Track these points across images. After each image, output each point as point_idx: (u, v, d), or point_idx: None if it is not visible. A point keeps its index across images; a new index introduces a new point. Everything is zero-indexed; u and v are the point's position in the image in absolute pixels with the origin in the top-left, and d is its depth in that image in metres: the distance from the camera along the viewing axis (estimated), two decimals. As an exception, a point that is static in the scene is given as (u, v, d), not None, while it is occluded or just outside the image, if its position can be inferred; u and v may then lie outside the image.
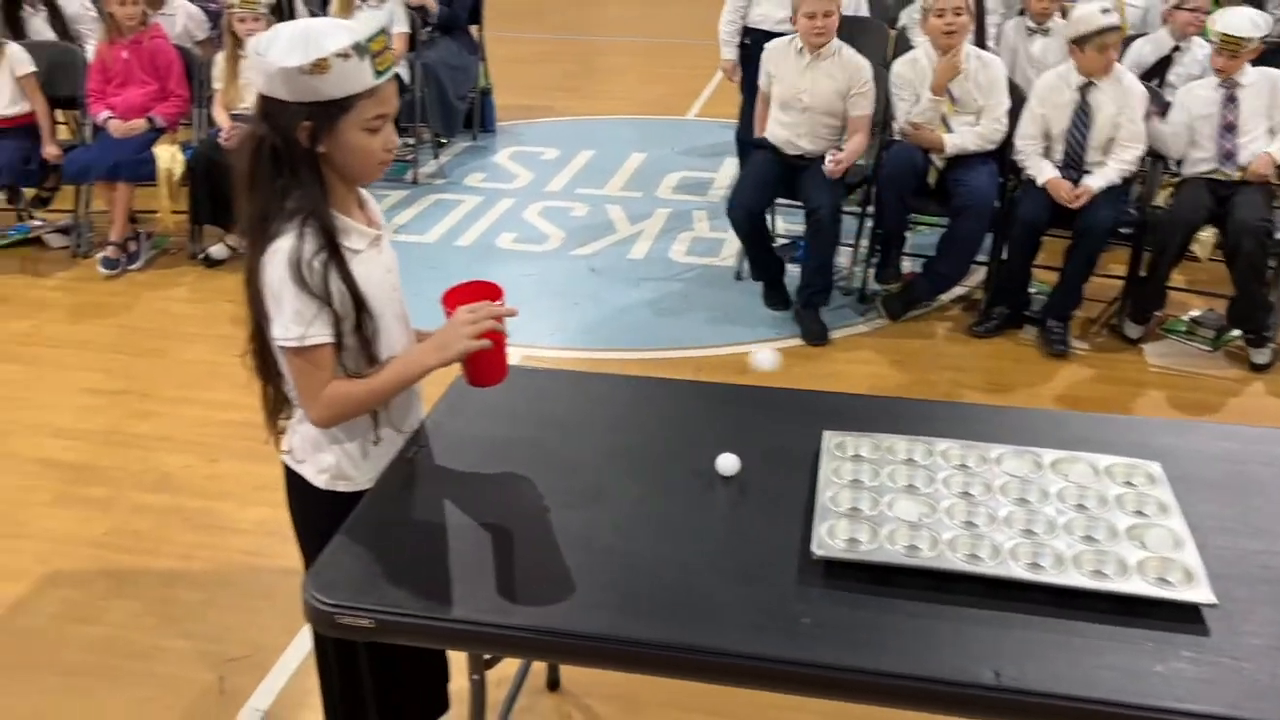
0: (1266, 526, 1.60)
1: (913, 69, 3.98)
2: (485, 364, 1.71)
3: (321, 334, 1.56)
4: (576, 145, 6.21)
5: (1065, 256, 3.83)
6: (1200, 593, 1.42)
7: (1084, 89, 3.76)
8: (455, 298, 1.70)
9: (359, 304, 1.58)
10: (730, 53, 4.82)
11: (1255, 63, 3.81)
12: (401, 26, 5.41)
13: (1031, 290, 4.02)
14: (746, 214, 4.03)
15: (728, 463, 1.75)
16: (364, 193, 1.70)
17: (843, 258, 4.33)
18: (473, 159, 6.00)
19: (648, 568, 1.54)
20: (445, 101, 5.81)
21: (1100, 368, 3.76)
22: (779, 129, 4.08)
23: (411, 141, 5.63)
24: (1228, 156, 3.78)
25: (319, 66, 1.45)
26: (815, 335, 3.97)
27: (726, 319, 4.13)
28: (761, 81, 4.22)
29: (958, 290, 4.27)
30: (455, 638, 1.49)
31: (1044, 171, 3.78)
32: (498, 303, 1.69)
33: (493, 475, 1.78)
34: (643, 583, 1.52)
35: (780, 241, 4.74)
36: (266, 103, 1.52)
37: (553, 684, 2.34)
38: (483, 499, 1.73)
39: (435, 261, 4.59)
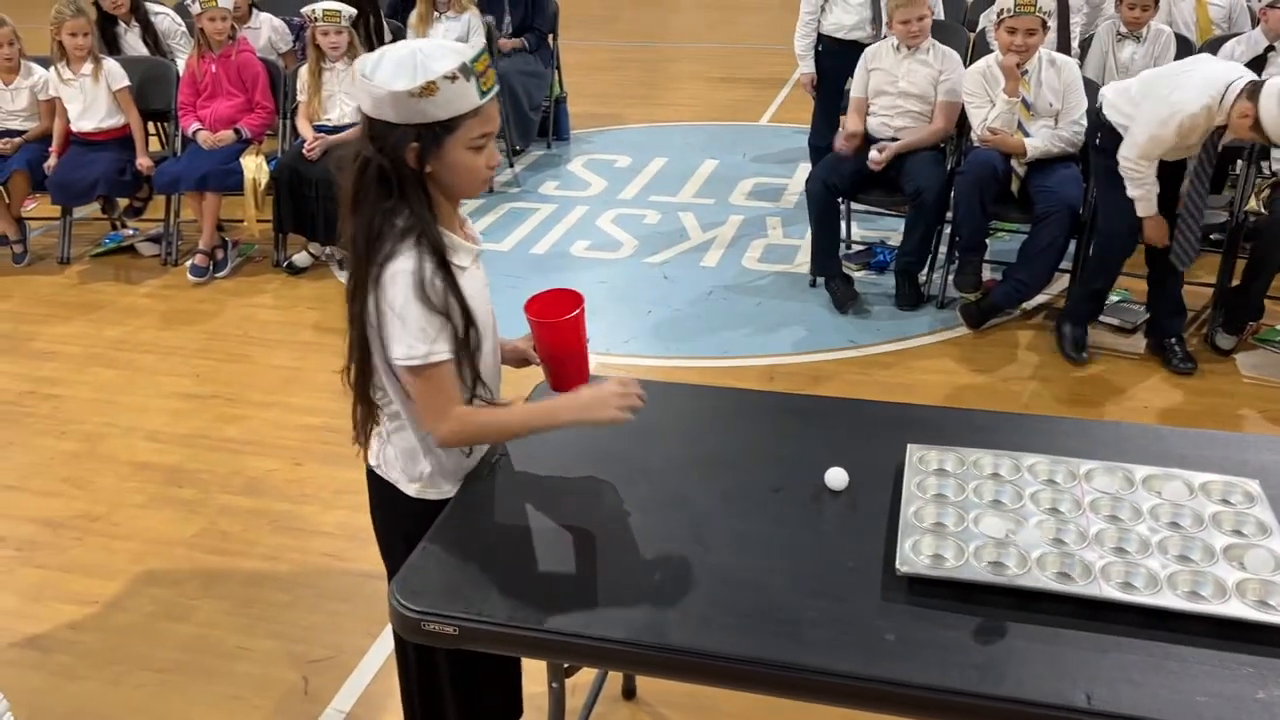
0: (1375, 549, 1.53)
1: (984, 75, 3.94)
2: (574, 369, 1.74)
3: (444, 350, 1.58)
4: (649, 152, 6.23)
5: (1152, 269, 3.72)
6: (1305, 617, 1.37)
7: None
8: (537, 305, 1.72)
9: (469, 319, 1.61)
10: (808, 66, 4.89)
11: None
12: (479, 38, 5.48)
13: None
14: (821, 185, 4.17)
15: (837, 477, 1.73)
16: (464, 218, 1.73)
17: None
18: (547, 167, 6.05)
19: (728, 580, 1.54)
20: (520, 111, 5.88)
21: (1191, 379, 3.64)
22: (872, 118, 4.24)
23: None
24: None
25: (428, 89, 1.47)
26: (910, 300, 4.18)
27: (800, 326, 4.10)
28: (856, 84, 4.26)
29: (1040, 299, 4.18)
30: (537, 646, 1.50)
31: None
32: (578, 310, 1.70)
33: (572, 483, 1.80)
34: (723, 595, 1.51)
35: (856, 248, 4.72)
36: (373, 125, 1.54)
37: (629, 692, 2.35)
38: (562, 507, 1.74)
39: (511, 269, 4.64)
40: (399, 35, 5.62)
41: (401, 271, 1.55)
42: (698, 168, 5.93)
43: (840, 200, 4.31)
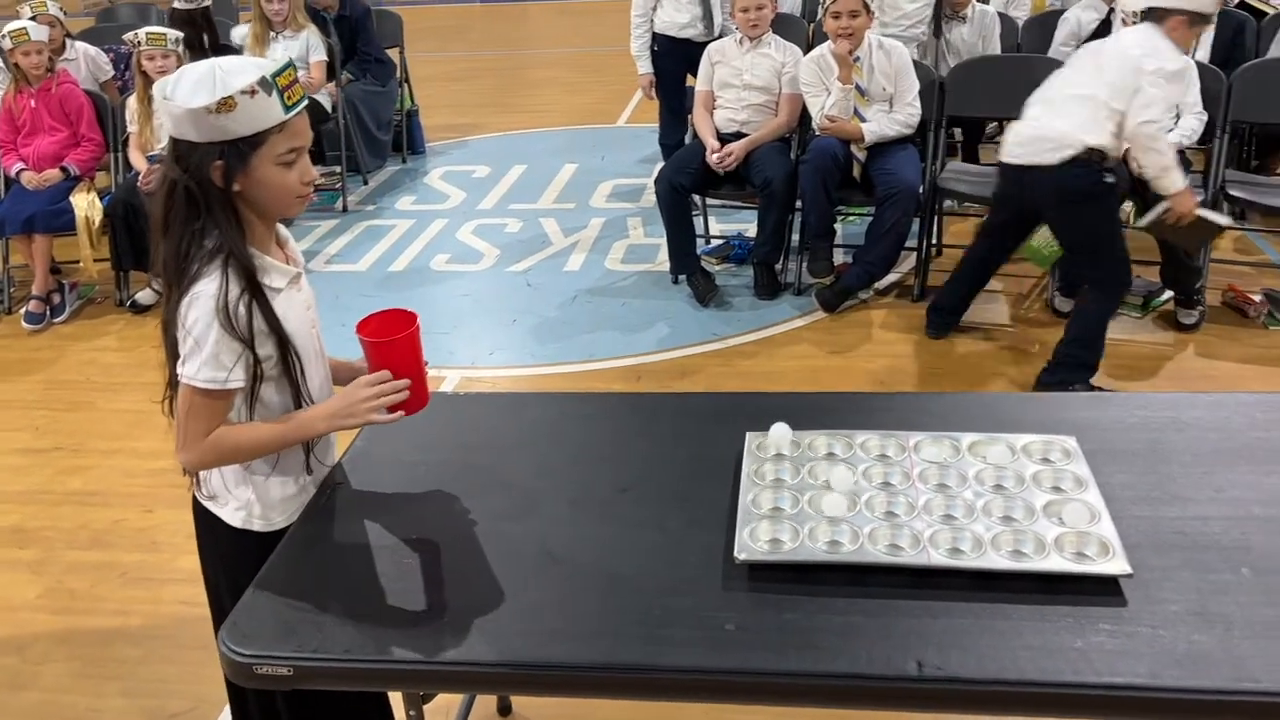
0: (1180, 493, 1.62)
1: (819, 65, 4.04)
2: (411, 390, 1.68)
3: (238, 379, 1.55)
4: (508, 161, 6.18)
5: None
6: (1116, 564, 1.43)
7: None
8: (370, 327, 1.67)
9: (284, 343, 1.57)
10: (645, 67, 4.96)
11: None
12: (319, 55, 5.35)
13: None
14: (669, 185, 4.19)
15: (780, 432, 1.74)
16: (283, 231, 1.69)
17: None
18: (403, 182, 5.95)
19: (576, 588, 1.53)
20: (368, 132, 5.79)
21: (1034, 344, 3.80)
22: (719, 113, 4.28)
23: (338, 169, 5.57)
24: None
25: (225, 105, 1.44)
26: (769, 290, 4.22)
27: (665, 324, 4.12)
28: (701, 78, 4.31)
29: (892, 278, 4.31)
30: (378, 678, 1.46)
31: None
32: (412, 328, 1.65)
33: (416, 501, 1.76)
34: (571, 604, 1.50)
35: (715, 242, 4.78)
36: (177, 145, 1.51)
37: (504, 709, 2.31)
38: (406, 528, 1.70)
39: (369, 289, 4.54)
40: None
41: (203, 294, 1.51)
42: (557, 173, 5.92)
43: (692, 197, 4.36)
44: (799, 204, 4.22)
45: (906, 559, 1.48)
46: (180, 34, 4.53)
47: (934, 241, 4.38)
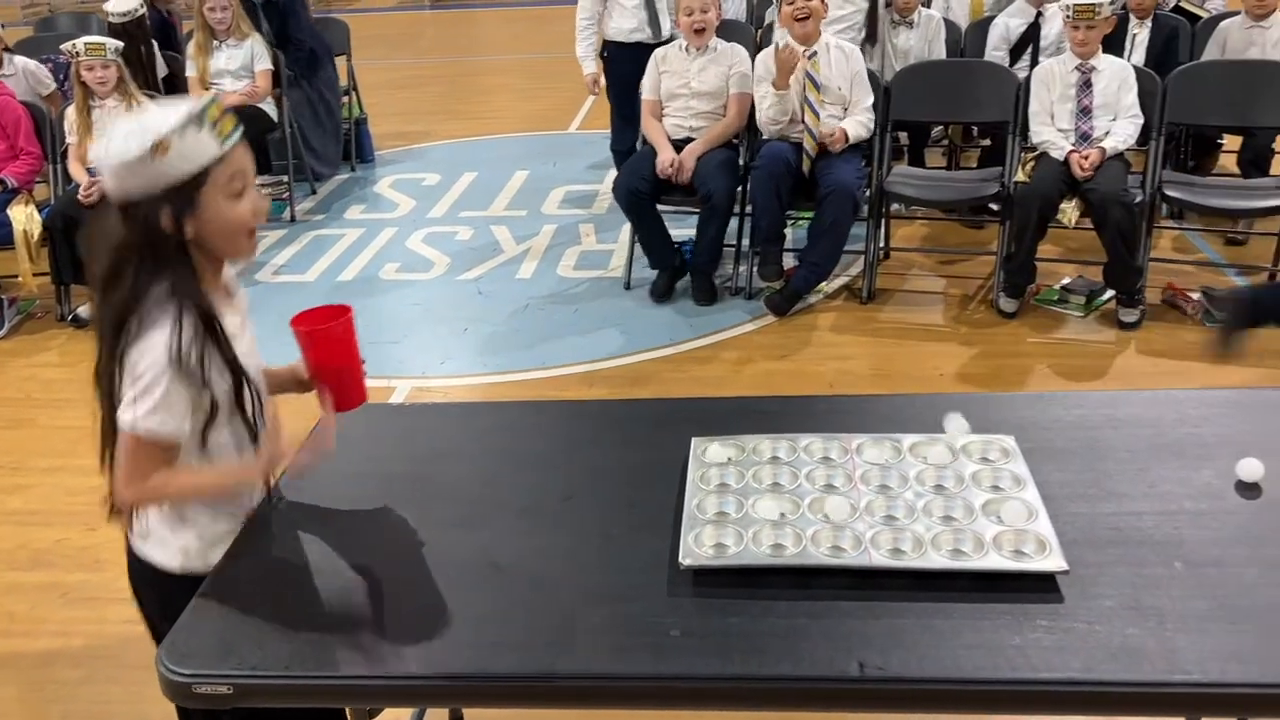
0: (1115, 489, 1.64)
1: (771, 62, 4.04)
2: (349, 382, 1.70)
3: (184, 429, 1.53)
4: (458, 168, 6.15)
5: None
6: (1053, 561, 1.45)
7: None
8: (303, 321, 1.67)
9: (240, 383, 1.56)
10: (590, 67, 4.99)
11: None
12: (264, 64, 5.30)
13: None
14: (626, 191, 4.20)
15: (1251, 468, 1.65)
16: (230, 279, 1.67)
17: (726, 260, 4.39)
18: (352, 191, 5.90)
19: (520, 599, 1.52)
20: (308, 143, 5.72)
21: (981, 344, 3.85)
22: (667, 120, 4.29)
23: (285, 179, 5.51)
24: (1084, 137, 3.92)
25: (159, 149, 1.43)
26: (707, 296, 4.25)
27: (618, 330, 4.13)
28: (647, 86, 4.30)
29: (840, 280, 4.34)
30: (320, 694, 1.44)
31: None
32: (345, 317, 1.66)
33: (361, 516, 1.74)
34: (516, 615, 1.49)
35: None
36: (124, 208, 1.48)
37: (456, 718, 2.29)
38: (350, 542, 1.68)
39: (317, 300, 4.40)
40: (175, 66, 5.37)
41: (156, 343, 1.48)
42: (508, 180, 5.90)
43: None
44: (749, 209, 4.25)
45: (848, 560, 1.49)
46: (120, 44, 4.46)
47: (882, 245, 4.43)
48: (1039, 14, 4.61)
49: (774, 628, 1.42)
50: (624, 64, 4.76)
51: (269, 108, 5.32)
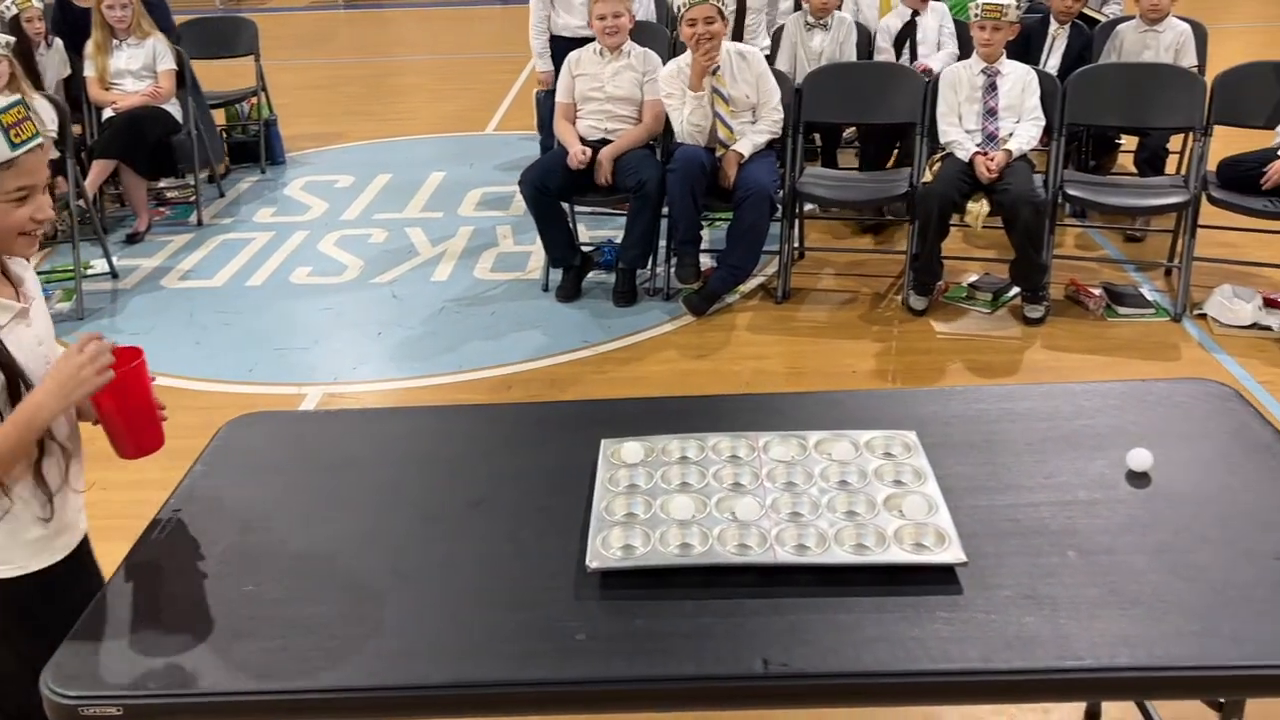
0: (1013, 481, 1.69)
1: (678, 75, 4.08)
2: (143, 427, 1.60)
3: None
4: (372, 170, 6.05)
5: None
6: (952, 553, 1.48)
7: None
8: None
9: (13, 379, 1.51)
10: (545, 64, 5.04)
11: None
12: (167, 63, 5.15)
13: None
14: (533, 188, 4.19)
15: (1140, 458, 1.68)
16: (15, 266, 1.61)
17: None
18: (262, 193, 5.76)
19: (427, 608, 1.50)
20: (205, 139, 5.56)
21: (892, 341, 3.92)
22: (582, 123, 4.28)
23: (192, 182, 5.35)
24: (990, 138, 4.02)
25: None
26: (627, 298, 4.26)
27: (536, 332, 4.10)
28: (561, 89, 4.31)
29: (756, 280, 4.38)
30: (213, 712, 1.39)
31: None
32: (138, 361, 1.57)
33: (261, 529, 1.69)
34: (421, 625, 1.46)
35: (585, 248, 4.77)
36: None
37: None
38: (249, 556, 1.63)
39: (223, 305, 4.36)
40: (73, 66, 5.18)
41: None
42: (424, 181, 5.82)
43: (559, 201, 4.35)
44: (665, 210, 4.26)
45: (754, 558, 1.50)
46: (12, 39, 4.29)
47: (796, 245, 4.49)
48: (916, 12, 4.80)
49: (680, 628, 1.42)
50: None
51: (173, 109, 5.17)
